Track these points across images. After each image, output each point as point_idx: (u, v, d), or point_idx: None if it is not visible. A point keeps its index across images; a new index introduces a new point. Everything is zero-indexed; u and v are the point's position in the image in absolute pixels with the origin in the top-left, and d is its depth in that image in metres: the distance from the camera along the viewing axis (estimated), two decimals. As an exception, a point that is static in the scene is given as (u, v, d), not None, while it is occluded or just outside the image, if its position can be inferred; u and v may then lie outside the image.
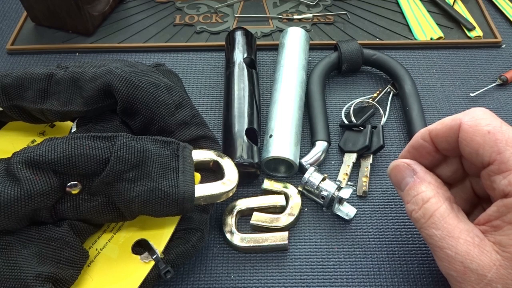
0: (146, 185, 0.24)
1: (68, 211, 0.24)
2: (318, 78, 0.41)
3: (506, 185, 0.23)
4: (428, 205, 0.25)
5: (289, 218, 0.32)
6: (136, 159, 0.24)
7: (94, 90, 0.27)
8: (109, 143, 0.24)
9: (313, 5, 0.51)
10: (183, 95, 0.29)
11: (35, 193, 0.23)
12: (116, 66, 0.27)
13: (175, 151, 0.26)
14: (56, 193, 0.23)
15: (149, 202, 0.24)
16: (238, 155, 0.33)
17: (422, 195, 0.26)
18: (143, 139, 0.25)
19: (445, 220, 0.25)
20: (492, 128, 0.24)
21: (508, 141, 0.23)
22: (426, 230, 0.25)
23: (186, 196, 0.24)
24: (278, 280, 0.31)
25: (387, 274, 0.31)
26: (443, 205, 0.25)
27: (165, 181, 0.24)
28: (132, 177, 0.24)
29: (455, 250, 0.24)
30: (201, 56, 0.46)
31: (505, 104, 0.41)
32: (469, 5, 0.51)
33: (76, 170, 0.23)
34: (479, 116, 0.25)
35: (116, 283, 0.25)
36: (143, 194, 0.24)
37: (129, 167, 0.24)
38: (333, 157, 0.37)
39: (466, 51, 0.46)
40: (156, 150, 0.25)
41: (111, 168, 0.23)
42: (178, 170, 0.25)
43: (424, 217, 0.25)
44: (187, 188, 0.24)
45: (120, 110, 0.28)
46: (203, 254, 0.32)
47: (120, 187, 0.24)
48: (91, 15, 0.46)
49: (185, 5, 0.51)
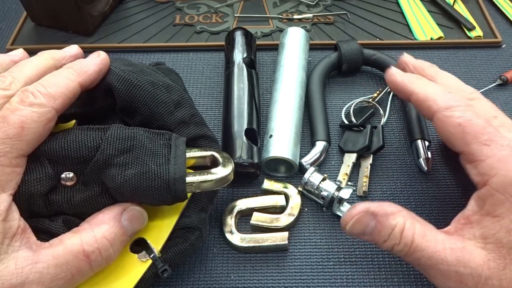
0: (137, 168, 0.24)
1: (63, 202, 0.25)
2: (318, 78, 0.41)
3: (476, 175, 0.25)
4: (405, 233, 0.25)
5: (289, 218, 0.32)
6: (127, 144, 0.25)
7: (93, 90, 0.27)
8: (101, 132, 0.25)
9: (313, 5, 0.51)
10: (183, 94, 0.29)
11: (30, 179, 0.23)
12: (115, 66, 0.27)
13: (167, 140, 0.26)
14: (50, 180, 0.24)
15: (140, 186, 0.24)
16: (238, 155, 0.33)
17: (397, 228, 0.25)
18: (136, 128, 0.26)
19: (425, 239, 0.25)
20: (463, 120, 0.25)
21: (476, 134, 0.25)
22: (411, 255, 0.25)
23: (177, 177, 0.24)
24: (278, 280, 0.31)
25: (387, 274, 0.31)
26: (416, 225, 0.25)
27: (155, 165, 0.25)
28: (122, 161, 0.24)
29: (446, 263, 0.24)
30: (201, 56, 0.46)
31: (505, 104, 0.41)
32: (469, 5, 0.50)
33: (69, 157, 0.24)
34: (454, 103, 0.26)
35: (113, 281, 0.25)
36: (134, 178, 0.24)
37: (119, 151, 0.24)
38: (333, 157, 0.37)
39: (466, 51, 0.46)
40: (147, 138, 0.26)
41: (102, 152, 0.24)
42: (170, 156, 0.25)
43: (407, 245, 0.25)
44: (177, 170, 0.25)
45: (119, 109, 0.28)
46: (203, 254, 0.32)
47: (111, 171, 0.24)
48: (91, 15, 0.46)
49: (185, 5, 0.51)
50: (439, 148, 0.38)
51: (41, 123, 0.23)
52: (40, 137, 0.23)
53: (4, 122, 0.22)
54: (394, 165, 0.37)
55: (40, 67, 0.25)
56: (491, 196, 0.24)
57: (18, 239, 0.22)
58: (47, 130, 0.23)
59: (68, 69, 0.25)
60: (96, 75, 0.26)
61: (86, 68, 0.25)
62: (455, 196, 0.35)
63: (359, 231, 0.27)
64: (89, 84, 0.26)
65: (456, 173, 0.36)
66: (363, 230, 0.26)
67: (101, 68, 0.26)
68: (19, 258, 0.21)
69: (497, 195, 0.24)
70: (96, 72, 0.26)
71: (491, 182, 0.24)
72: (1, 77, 0.24)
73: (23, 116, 0.22)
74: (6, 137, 0.21)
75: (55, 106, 0.23)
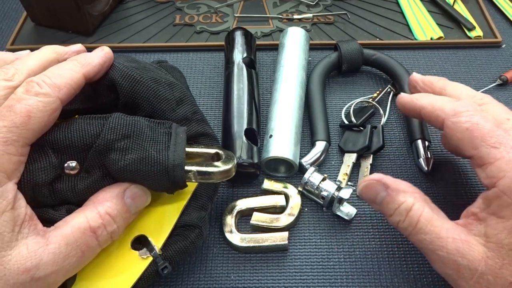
0: (137, 154, 0.25)
1: (67, 191, 0.25)
2: (318, 78, 0.41)
3: (485, 178, 0.25)
4: (412, 213, 0.26)
5: (289, 218, 0.32)
6: (128, 129, 0.25)
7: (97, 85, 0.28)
8: (103, 120, 0.25)
9: (313, 5, 0.51)
10: (185, 91, 0.30)
11: (35, 168, 0.23)
12: (119, 62, 0.27)
13: (168, 128, 0.27)
14: (54, 169, 0.24)
15: (140, 170, 0.25)
16: (237, 155, 0.33)
17: (404, 205, 0.26)
18: (137, 117, 0.26)
19: (430, 223, 0.25)
20: (470, 125, 0.26)
21: (484, 137, 0.25)
22: (415, 236, 0.26)
23: (176, 164, 0.25)
24: (278, 280, 0.31)
25: (387, 274, 0.31)
26: (425, 209, 0.26)
27: (155, 151, 0.25)
28: (123, 146, 0.24)
29: (446, 250, 0.24)
30: (201, 56, 0.46)
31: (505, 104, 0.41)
32: (469, 5, 0.51)
33: (73, 146, 0.24)
34: (462, 109, 0.26)
35: (114, 278, 0.26)
36: (134, 162, 0.24)
37: (120, 136, 0.25)
38: (333, 157, 0.37)
39: (466, 51, 0.46)
40: (148, 126, 0.26)
41: (103, 137, 0.24)
42: (170, 143, 0.26)
43: (411, 225, 0.26)
44: (177, 156, 0.25)
45: (122, 104, 0.28)
46: (203, 254, 0.32)
47: (112, 156, 0.24)
48: (91, 15, 0.46)
49: (185, 5, 0.51)
50: (439, 148, 0.38)
51: (46, 113, 0.23)
52: (45, 127, 0.23)
53: (11, 111, 0.22)
54: (394, 165, 0.37)
55: (43, 60, 0.25)
56: (498, 198, 0.24)
57: (26, 226, 0.22)
58: (51, 120, 0.23)
59: (72, 61, 0.26)
60: (100, 67, 0.26)
61: (90, 60, 0.26)
62: (455, 196, 0.35)
63: (369, 197, 0.28)
64: (93, 76, 0.26)
65: (456, 173, 0.36)
66: (373, 197, 0.28)
67: (105, 61, 0.26)
68: (30, 243, 0.22)
69: (504, 197, 0.24)
70: (100, 65, 0.26)
71: (498, 184, 0.24)
72: (4, 69, 0.24)
73: (29, 106, 0.22)
74: (13, 125, 0.22)
75: (60, 96, 0.23)
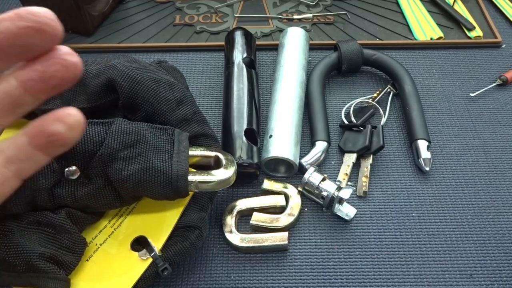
0: (141, 163, 0.25)
1: (67, 196, 0.25)
2: (318, 78, 0.41)
3: None
4: None
5: (289, 218, 0.32)
6: (131, 138, 0.25)
7: (97, 86, 0.28)
8: (106, 127, 0.25)
9: (313, 5, 0.51)
10: (185, 92, 0.30)
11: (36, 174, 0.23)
12: (119, 62, 0.28)
13: (170, 135, 0.27)
14: (54, 175, 0.24)
15: (143, 180, 0.25)
16: (237, 155, 0.33)
17: None
18: (139, 123, 0.26)
19: None
20: None
21: None
22: None
23: (180, 174, 0.25)
24: (278, 280, 0.31)
25: (387, 274, 0.31)
26: None
27: (159, 161, 0.25)
28: (126, 156, 0.24)
29: None
30: (201, 56, 0.46)
31: (505, 104, 0.41)
32: (469, 5, 0.50)
33: (75, 152, 0.24)
34: None
35: (114, 279, 0.26)
36: (138, 172, 0.24)
37: (124, 146, 0.24)
38: (333, 157, 0.37)
39: (466, 51, 0.46)
40: (151, 133, 0.26)
41: (106, 146, 0.24)
42: (173, 151, 0.26)
43: None
44: (180, 167, 0.25)
45: (122, 104, 0.28)
46: (203, 254, 0.32)
47: (115, 165, 0.24)
48: (91, 15, 0.46)
49: (185, 5, 0.51)
50: (439, 148, 0.38)
51: None
52: None
53: None
54: (394, 165, 0.37)
55: None
56: None
57: None
58: None
59: None
60: None
61: None
62: (455, 196, 0.35)
63: None
64: None
65: (456, 173, 0.36)
66: None
67: None
68: None
69: None
70: None
71: None
72: None
73: None
74: None
75: None
